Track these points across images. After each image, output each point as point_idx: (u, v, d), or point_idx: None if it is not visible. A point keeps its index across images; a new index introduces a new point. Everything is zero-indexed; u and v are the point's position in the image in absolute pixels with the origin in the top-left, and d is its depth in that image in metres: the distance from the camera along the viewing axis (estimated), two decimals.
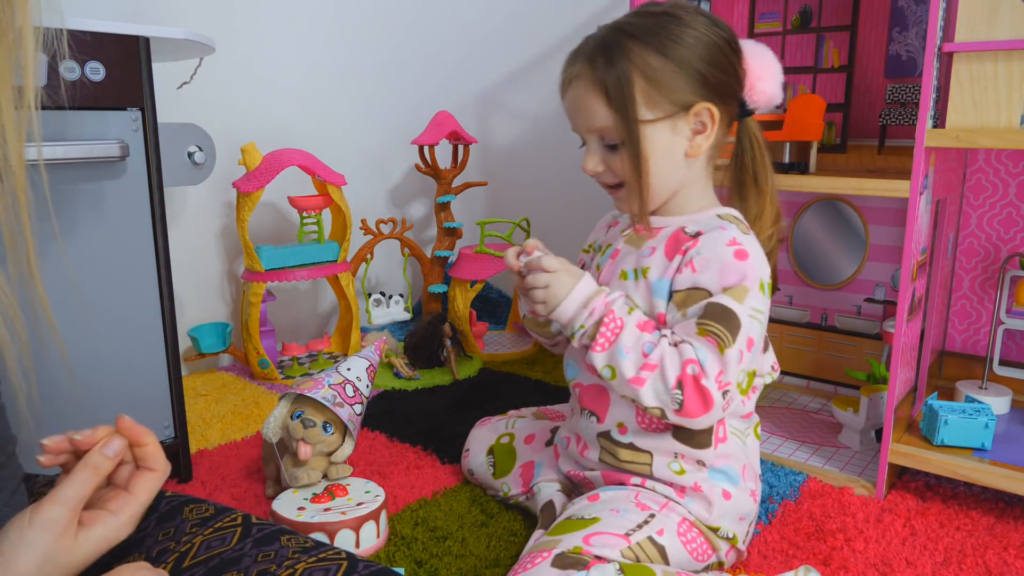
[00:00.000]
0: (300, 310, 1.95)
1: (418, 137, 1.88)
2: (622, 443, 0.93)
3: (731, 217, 0.91)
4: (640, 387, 0.82)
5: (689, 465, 0.90)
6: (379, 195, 2.10)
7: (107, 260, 1.05)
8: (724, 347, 0.81)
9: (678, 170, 0.89)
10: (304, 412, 1.05)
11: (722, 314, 0.82)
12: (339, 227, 1.76)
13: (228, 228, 1.76)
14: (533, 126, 2.11)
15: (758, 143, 0.94)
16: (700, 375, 0.81)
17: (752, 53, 0.90)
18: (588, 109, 0.87)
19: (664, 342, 0.83)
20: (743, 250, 0.84)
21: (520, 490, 1.07)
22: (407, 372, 1.64)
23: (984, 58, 0.99)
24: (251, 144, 1.60)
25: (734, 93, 0.89)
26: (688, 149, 0.88)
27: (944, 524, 1.04)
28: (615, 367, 0.83)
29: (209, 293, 1.75)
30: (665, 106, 0.85)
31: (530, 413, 1.22)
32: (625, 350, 0.83)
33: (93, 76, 0.99)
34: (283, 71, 1.81)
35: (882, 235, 1.40)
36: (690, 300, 0.84)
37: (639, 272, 0.90)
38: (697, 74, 0.85)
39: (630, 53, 0.84)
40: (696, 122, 0.87)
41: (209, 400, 1.52)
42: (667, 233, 0.91)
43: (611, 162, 0.89)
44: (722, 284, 0.83)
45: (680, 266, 0.86)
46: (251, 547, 0.62)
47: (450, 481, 1.17)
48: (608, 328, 0.84)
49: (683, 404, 0.81)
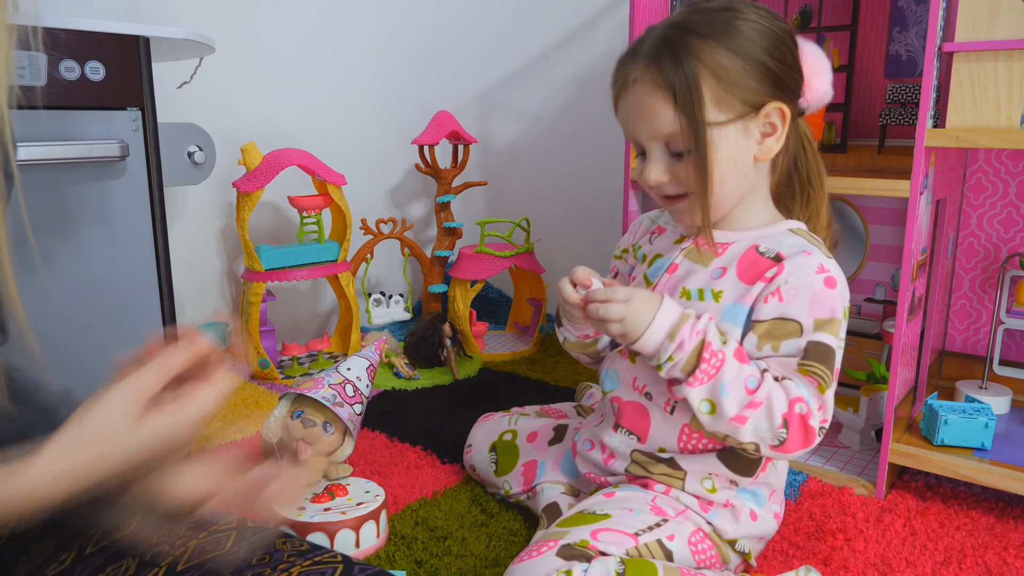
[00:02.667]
0: (300, 310, 1.94)
1: (418, 137, 1.88)
2: (660, 459, 0.90)
3: (806, 235, 0.86)
4: (742, 425, 0.78)
5: (722, 483, 0.89)
6: (379, 195, 2.10)
7: (107, 259, 1.05)
8: (825, 388, 0.79)
9: (747, 176, 0.84)
10: (304, 412, 1.05)
11: (824, 355, 0.79)
12: (339, 227, 1.76)
13: (228, 228, 1.76)
14: (533, 126, 2.11)
15: (810, 144, 0.90)
16: (808, 415, 0.78)
17: (806, 49, 0.86)
18: (652, 114, 0.81)
19: (768, 378, 0.79)
20: (832, 277, 0.81)
21: (521, 489, 1.07)
22: (407, 372, 1.64)
23: (984, 58, 0.99)
24: (251, 144, 1.60)
25: (799, 90, 0.85)
26: (758, 153, 0.83)
27: (944, 524, 1.04)
28: (716, 403, 0.78)
29: (209, 293, 1.75)
30: (736, 106, 0.80)
31: (533, 411, 1.22)
32: (727, 387, 0.78)
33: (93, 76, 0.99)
34: (283, 71, 1.81)
35: (882, 235, 1.40)
36: (777, 332, 0.80)
37: (708, 294, 0.85)
38: (766, 70, 0.80)
39: (697, 51, 0.79)
40: (766, 123, 0.82)
41: None
42: (738, 252, 0.86)
43: (676, 171, 0.83)
44: (813, 316, 0.79)
45: (764, 294, 0.81)
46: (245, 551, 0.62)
47: (450, 481, 1.17)
48: (708, 363, 0.78)
49: (785, 441, 0.78)
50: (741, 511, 0.89)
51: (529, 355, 1.83)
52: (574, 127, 2.02)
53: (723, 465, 0.88)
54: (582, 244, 2.07)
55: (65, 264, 1.01)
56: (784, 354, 0.81)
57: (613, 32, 1.86)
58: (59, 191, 1.00)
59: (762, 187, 0.88)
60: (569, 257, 2.09)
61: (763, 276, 0.83)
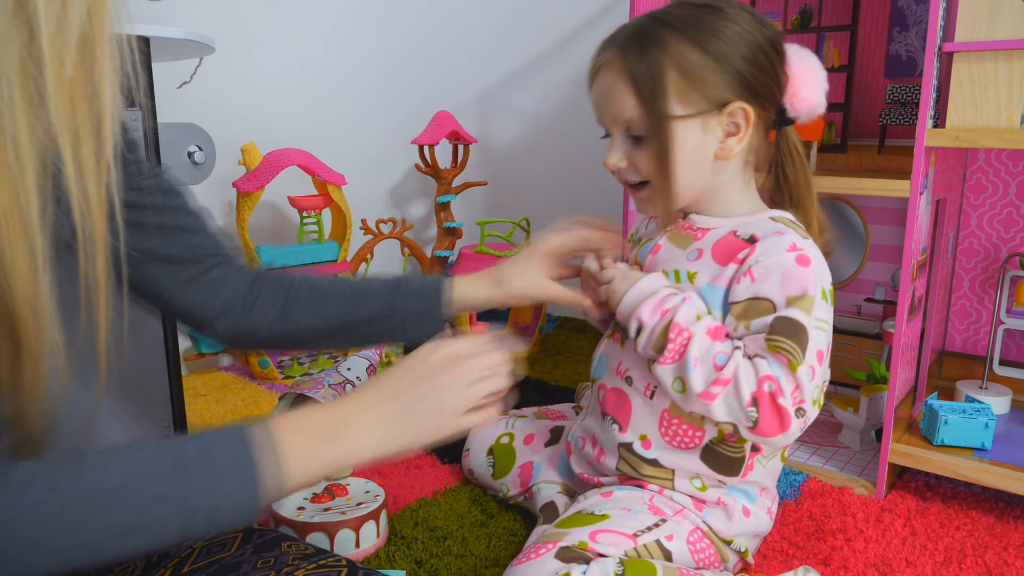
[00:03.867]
0: None
1: (418, 137, 1.88)
2: (645, 458, 0.90)
3: (786, 220, 0.86)
4: (711, 402, 0.78)
5: (710, 482, 0.89)
6: (379, 195, 2.10)
7: None
8: (796, 364, 0.77)
9: (705, 172, 0.85)
10: None
11: (792, 330, 0.78)
12: (339, 227, 1.76)
13: (228, 228, 1.75)
14: (533, 126, 2.11)
15: (798, 153, 0.90)
16: (777, 393, 0.76)
17: (796, 58, 0.86)
18: (615, 99, 0.83)
19: (738, 355, 0.79)
20: (804, 255, 0.80)
21: (518, 490, 1.07)
22: None
23: (984, 58, 0.99)
24: (251, 144, 1.60)
25: (773, 97, 0.85)
26: (718, 151, 0.84)
27: (944, 524, 1.04)
28: (684, 379, 0.80)
29: None
30: (698, 102, 0.81)
31: (531, 413, 1.22)
32: (693, 363, 0.79)
33: None
34: (283, 71, 1.81)
35: (882, 235, 1.40)
36: (752, 311, 0.80)
37: (684, 275, 0.86)
38: (736, 72, 0.81)
39: (665, 43, 0.80)
40: (729, 123, 0.83)
41: (209, 400, 1.52)
42: (716, 236, 0.87)
43: (635, 158, 0.85)
44: (785, 293, 0.79)
45: (737, 275, 0.82)
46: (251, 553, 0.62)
47: (450, 481, 1.17)
48: (674, 342, 0.79)
49: (758, 422, 0.77)
50: (734, 508, 0.89)
51: (529, 355, 1.83)
52: (574, 127, 2.02)
53: (706, 466, 0.88)
54: None
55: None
56: (756, 331, 0.80)
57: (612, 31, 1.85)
58: None
59: (733, 183, 0.88)
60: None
61: (735, 257, 0.83)
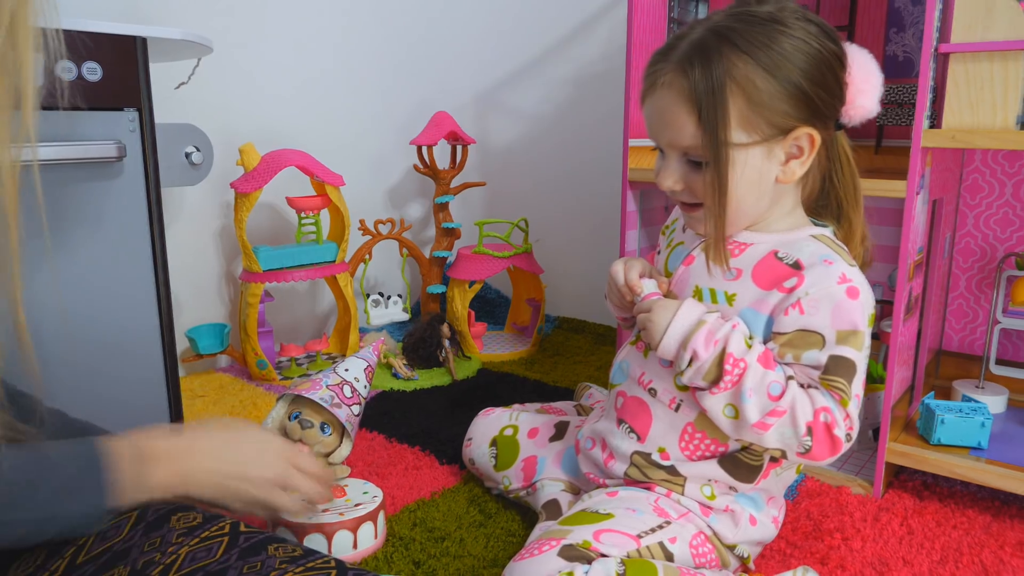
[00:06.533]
0: (298, 311, 1.94)
1: (416, 137, 1.88)
2: (660, 465, 0.90)
3: (829, 241, 0.84)
4: (765, 432, 0.79)
5: (720, 490, 0.89)
6: (377, 195, 2.10)
7: (104, 261, 1.05)
8: (847, 402, 0.79)
9: (764, 198, 0.82)
10: (302, 413, 1.05)
11: (845, 370, 0.79)
12: (337, 228, 1.76)
13: (226, 229, 1.76)
14: (532, 126, 2.11)
15: (848, 159, 0.87)
16: (833, 424, 0.78)
17: (856, 62, 0.82)
18: (674, 123, 0.79)
19: (793, 386, 0.79)
20: (854, 287, 0.79)
21: (521, 484, 1.07)
22: (405, 373, 1.64)
23: (980, 59, 0.99)
24: (249, 144, 1.60)
25: (836, 113, 0.82)
26: (780, 175, 0.81)
27: (941, 523, 1.04)
28: (738, 408, 0.79)
29: (207, 294, 1.75)
30: (763, 129, 0.77)
31: (533, 408, 1.22)
32: (749, 393, 0.78)
33: (90, 76, 0.99)
34: (281, 71, 1.81)
35: (879, 235, 1.41)
36: (800, 343, 0.80)
37: (722, 296, 0.84)
38: (803, 96, 0.77)
39: (731, 67, 0.76)
40: (793, 146, 0.80)
41: (207, 401, 1.52)
42: (756, 255, 0.84)
43: (692, 181, 0.82)
44: (836, 328, 0.79)
45: (784, 306, 0.80)
46: (236, 558, 0.61)
47: (448, 481, 1.17)
48: (731, 374, 0.78)
49: (811, 449, 0.79)
50: (741, 516, 0.89)
51: (527, 356, 1.83)
52: (572, 127, 2.02)
53: (723, 471, 0.88)
54: (581, 244, 2.07)
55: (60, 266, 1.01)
56: (806, 363, 0.80)
57: (611, 32, 1.86)
58: (56, 192, 1.00)
59: (786, 199, 0.86)
60: (568, 257, 2.09)
61: (781, 284, 0.81)
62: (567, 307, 2.13)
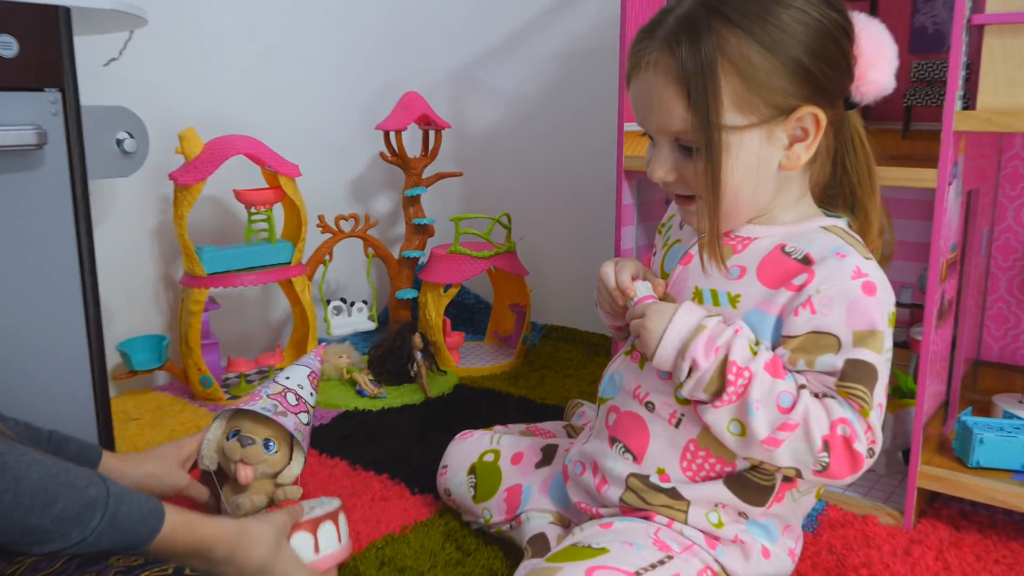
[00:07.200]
0: (248, 320, 1.93)
1: (383, 121, 1.87)
2: (660, 488, 0.90)
3: (840, 231, 0.85)
4: (775, 448, 0.79)
5: (729, 516, 0.89)
6: (338, 188, 2.09)
7: (22, 263, 1.04)
8: (868, 411, 0.79)
9: (766, 186, 0.83)
10: (241, 430, 1.05)
11: (865, 375, 0.79)
12: (293, 224, 1.75)
13: (164, 226, 1.74)
14: (515, 109, 2.11)
15: (861, 142, 0.88)
16: (852, 437, 0.78)
17: (865, 34, 0.83)
18: (662, 106, 0.80)
19: (806, 396, 0.79)
20: (870, 283, 0.80)
21: (503, 517, 1.07)
22: (371, 390, 1.63)
23: (1019, 31, 1.00)
24: (190, 130, 1.59)
25: (843, 90, 0.83)
26: (784, 160, 0.82)
27: (980, 557, 1.05)
28: (745, 424, 0.80)
29: (142, 301, 1.73)
30: (761, 110, 0.78)
31: (517, 430, 1.22)
32: (756, 406, 0.78)
33: (4, 51, 0.98)
34: (228, 46, 1.80)
35: (907, 230, 1.42)
36: (813, 347, 0.80)
37: (724, 297, 0.85)
38: (804, 72, 0.78)
39: (723, 42, 0.77)
40: (796, 128, 0.81)
41: (143, 425, 1.51)
42: (760, 250, 0.85)
43: (685, 171, 0.83)
44: (851, 328, 0.79)
45: (794, 305, 0.81)
46: (75, 568, 0.65)
47: (421, 514, 1.16)
48: (734, 385, 0.79)
49: (829, 467, 0.79)
50: (752, 548, 0.89)
51: (511, 369, 1.82)
52: (561, 110, 2.02)
53: (731, 493, 0.87)
54: (570, 242, 2.07)
55: None
56: (821, 370, 0.81)
57: (603, 2, 1.86)
58: None
59: (792, 187, 0.87)
60: (556, 257, 2.09)
61: (789, 282, 0.82)
62: (556, 314, 2.13)
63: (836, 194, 0.91)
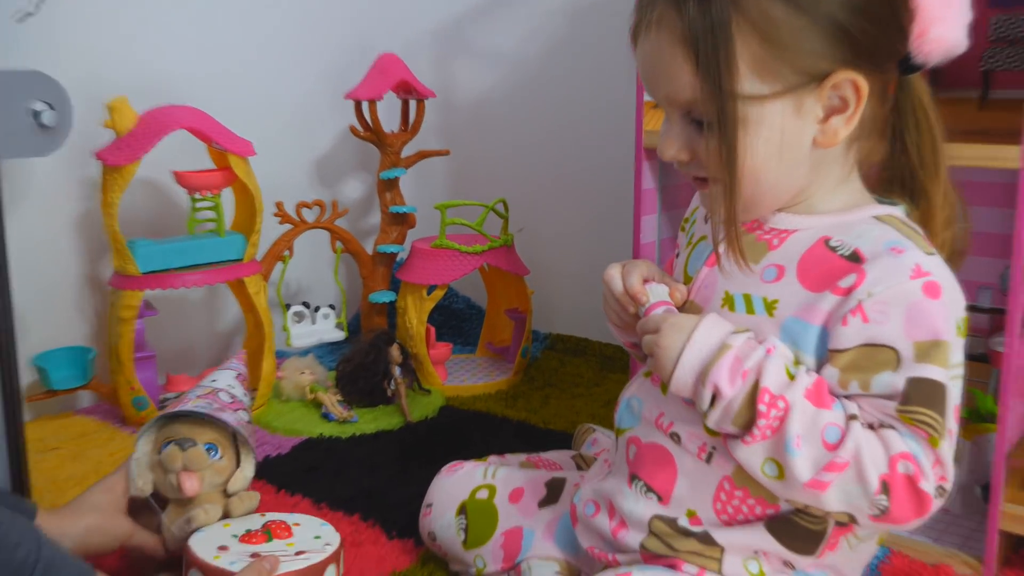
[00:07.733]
0: (191, 328, 1.93)
1: (354, 90, 1.87)
2: (690, 532, 0.89)
3: (899, 223, 0.84)
4: (823, 492, 0.78)
5: (772, 566, 0.88)
6: (300, 169, 2.09)
7: None
8: (938, 441, 0.77)
9: (799, 167, 0.83)
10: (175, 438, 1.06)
11: (930, 395, 0.77)
12: (245, 213, 1.75)
13: (90, 216, 1.74)
14: (511, 74, 2.11)
15: (925, 114, 0.87)
16: (917, 476, 0.76)
17: None
18: (669, 72, 0.81)
19: (856, 428, 0.77)
20: (933, 283, 0.78)
21: (500, 566, 1.06)
22: (340, 413, 1.63)
23: None
24: (122, 99, 1.58)
25: (893, 51, 0.82)
26: (819, 135, 0.81)
27: None
28: (783, 464, 0.78)
29: (63, 307, 1.73)
30: (787, 76, 0.78)
31: (516, 461, 1.22)
32: (796, 442, 0.77)
33: None
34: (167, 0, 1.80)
35: (985, 219, 1.41)
36: (867, 364, 0.79)
37: (759, 303, 0.85)
38: (838, 29, 0.77)
39: None
40: (833, 97, 0.80)
41: (62, 456, 1.51)
42: (800, 244, 0.85)
43: (700, 148, 0.83)
44: (912, 339, 0.78)
45: (842, 312, 0.80)
46: None
47: (400, 562, 1.16)
48: (766, 417, 0.78)
49: (889, 511, 0.77)
50: None
51: (508, 388, 1.82)
52: (566, 76, 2.02)
53: (774, 539, 0.87)
54: (580, 235, 2.07)
55: None
56: (877, 393, 0.79)
57: None
58: None
59: (833, 168, 0.86)
60: (562, 253, 2.09)
61: (835, 284, 0.81)
62: (562, 321, 2.13)
63: (893, 176, 0.91)
